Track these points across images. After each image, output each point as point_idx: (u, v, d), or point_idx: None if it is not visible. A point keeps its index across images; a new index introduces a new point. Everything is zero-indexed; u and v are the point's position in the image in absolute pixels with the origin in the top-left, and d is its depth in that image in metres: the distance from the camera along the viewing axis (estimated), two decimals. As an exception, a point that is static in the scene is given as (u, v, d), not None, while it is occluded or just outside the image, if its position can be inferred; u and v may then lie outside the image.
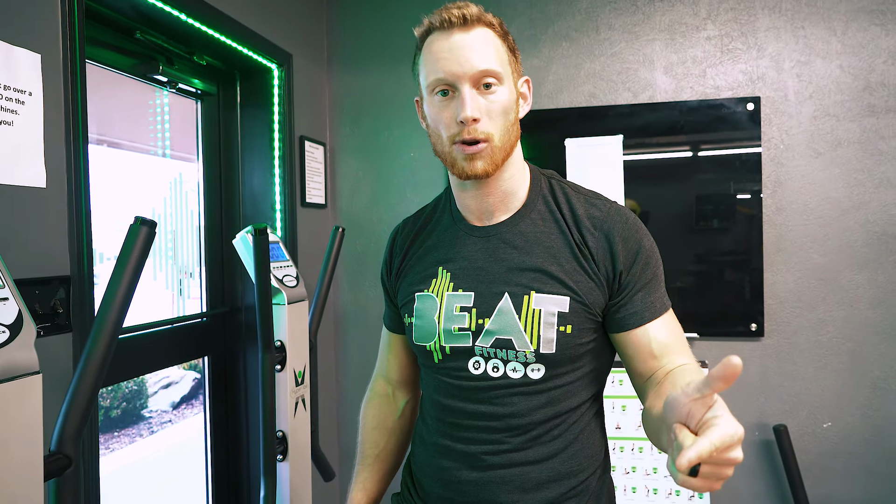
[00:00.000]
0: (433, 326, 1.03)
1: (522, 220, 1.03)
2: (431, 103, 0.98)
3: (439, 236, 1.10)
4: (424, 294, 1.05)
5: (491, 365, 0.99)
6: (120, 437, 3.72)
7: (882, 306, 2.04)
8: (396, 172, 2.44)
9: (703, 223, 2.16)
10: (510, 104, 0.97)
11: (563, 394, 0.99)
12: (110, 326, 0.90)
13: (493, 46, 0.95)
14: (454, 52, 0.93)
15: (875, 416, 2.05)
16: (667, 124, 2.17)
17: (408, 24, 2.37)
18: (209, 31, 1.75)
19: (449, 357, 1.02)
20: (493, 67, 0.94)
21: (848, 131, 2.06)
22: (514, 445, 0.99)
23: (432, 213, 1.15)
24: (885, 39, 2.02)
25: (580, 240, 0.98)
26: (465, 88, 0.93)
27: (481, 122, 0.94)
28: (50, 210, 1.20)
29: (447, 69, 0.93)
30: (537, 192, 1.05)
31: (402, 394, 1.26)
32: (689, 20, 2.17)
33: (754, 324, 2.11)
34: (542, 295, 0.96)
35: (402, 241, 1.16)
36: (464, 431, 1.02)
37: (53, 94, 1.21)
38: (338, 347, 2.52)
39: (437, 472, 1.05)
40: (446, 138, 0.97)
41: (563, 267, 0.97)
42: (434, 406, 1.08)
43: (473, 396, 1.00)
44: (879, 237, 2.04)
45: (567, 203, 1.02)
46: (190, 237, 1.99)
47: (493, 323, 0.98)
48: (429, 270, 1.07)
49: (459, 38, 0.93)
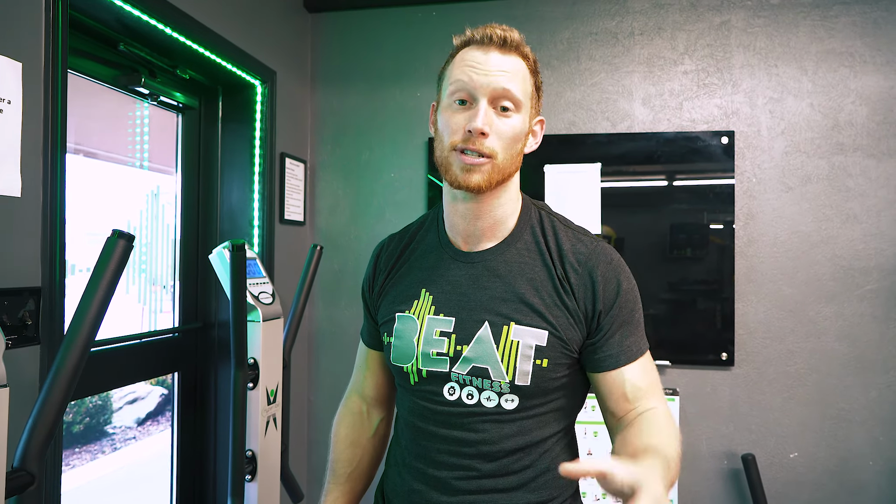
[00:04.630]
0: (412, 349, 1.03)
1: (508, 250, 1.03)
2: (447, 107, 0.99)
3: (424, 256, 1.09)
4: (405, 315, 1.05)
5: (466, 392, 0.99)
6: (81, 454, 3.61)
7: (847, 339, 2.09)
8: (376, 192, 2.45)
9: (676, 252, 2.20)
10: (521, 134, 0.98)
11: (535, 424, 0.99)
12: (82, 340, 0.89)
13: (522, 76, 0.97)
14: (485, 66, 0.95)
15: (839, 448, 2.08)
16: (644, 154, 2.22)
17: (391, 45, 2.42)
18: (194, 46, 1.75)
19: (425, 380, 1.02)
20: (515, 93, 0.95)
21: (817, 167, 2.12)
22: (485, 472, 0.98)
23: (417, 231, 1.15)
24: (854, 81, 2.10)
25: (562, 274, 0.99)
26: (483, 102, 0.94)
27: (490, 138, 0.94)
28: (23, 220, 1.18)
29: (473, 78, 0.94)
30: (526, 221, 1.05)
31: (377, 412, 1.24)
32: (668, 54, 2.23)
33: (725, 353, 2.15)
34: (521, 327, 0.97)
35: (386, 257, 1.15)
36: (435, 455, 1.01)
37: (33, 103, 1.19)
38: (310, 365, 2.49)
39: (408, 494, 1.05)
40: (448, 143, 0.97)
41: (544, 300, 0.98)
42: (408, 428, 1.07)
43: (447, 421, 1.00)
44: (846, 271, 2.09)
45: (554, 236, 1.03)
46: (165, 251, 1.97)
47: (471, 350, 0.98)
48: (411, 290, 1.07)
49: (495, 56, 0.95)
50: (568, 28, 2.30)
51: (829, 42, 2.12)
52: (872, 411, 2.07)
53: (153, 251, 1.92)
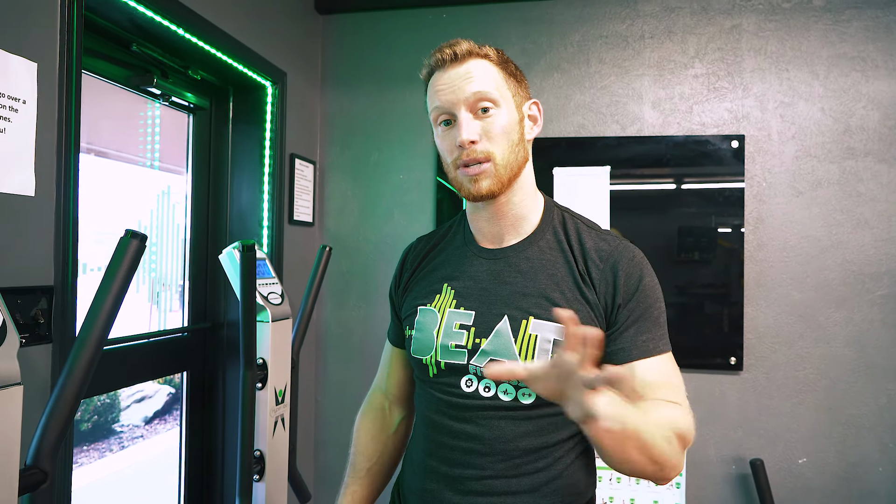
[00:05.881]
0: (431, 340, 1.04)
1: (531, 247, 1.05)
2: (438, 134, 1.04)
3: (449, 255, 1.13)
4: (427, 308, 1.08)
5: (483, 385, 1.00)
6: (90, 452, 3.63)
7: (857, 344, 2.07)
8: (385, 194, 2.45)
9: (684, 255, 2.19)
10: (510, 125, 1.01)
11: (551, 424, 0.99)
12: (94, 339, 0.89)
13: (488, 74, 1.01)
14: (449, 83, 1.00)
15: (849, 454, 2.07)
16: (653, 157, 2.21)
17: (401, 47, 2.42)
18: (205, 47, 1.76)
19: (443, 372, 1.03)
20: (487, 91, 0.99)
21: (828, 172, 2.11)
22: (497, 472, 0.98)
23: (446, 234, 1.19)
24: (865, 85, 2.09)
25: (584, 269, 1.01)
26: (462, 114, 0.99)
27: (480, 143, 0.98)
28: (37, 219, 1.18)
29: (444, 98, 1.00)
30: (549, 222, 1.08)
31: (399, 410, 1.26)
32: (678, 58, 2.22)
33: (733, 357, 2.14)
34: (540, 321, 0.98)
35: (413, 257, 1.19)
36: (449, 452, 1.02)
37: (47, 102, 1.20)
38: (318, 366, 2.50)
39: (421, 493, 1.06)
40: (451, 164, 1.02)
41: (565, 295, 0.99)
42: (424, 423, 1.08)
43: (461, 415, 1.01)
44: (856, 276, 2.08)
45: (577, 236, 1.05)
46: (175, 250, 1.98)
47: (489, 343, 0.99)
48: (434, 286, 1.10)
49: (453, 71, 1.01)
50: (578, 31, 2.29)
51: (840, 46, 2.11)
52: (882, 417, 2.05)
53: (163, 251, 1.93)
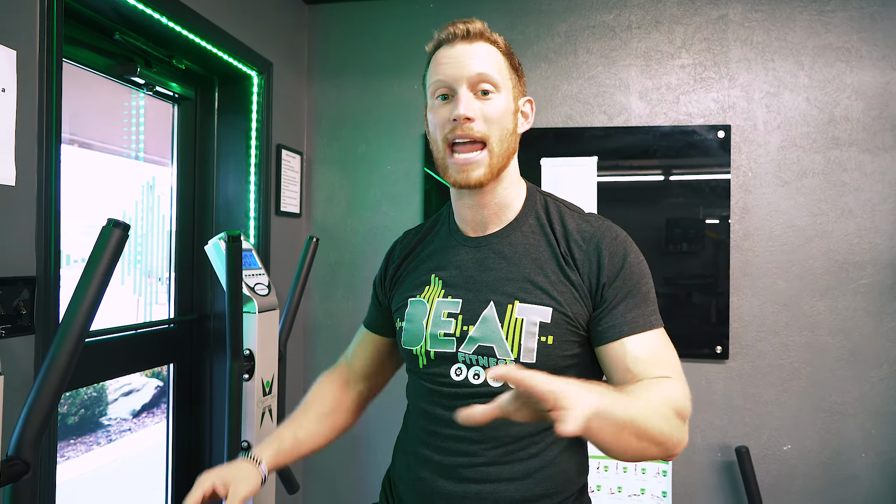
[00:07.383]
0: (421, 331, 1.05)
1: (513, 232, 1.05)
2: (433, 107, 1.03)
3: (436, 246, 1.13)
4: (416, 300, 1.08)
5: (472, 372, 1.00)
6: (76, 445, 3.61)
7: (841, 333, 2.10)
8: (373, 185, 2.44)
9: (672, 246, 2.20)
10: (507, 112, 1.01)
11: None
12: (77, 330, 0.89)
13: (494, 59, 1.01)
14: (455, 59, 0.99)
15: (832, 440, 2.10)
16: (640, 148, 2.22)
17: (389, 38, 2.41)
18: (190, 36, 1.74)
19: (433, 362, 1.04)
20: (491, 73, 0.99)
21: (813, 162, 2.13)
22: (490, 459, 0.99)
23: (433, 226, 1.19)
24: (850, 76, 2.10)
25: (566, 251, 1.01)
26: (462, 90, 0.98)
27: (476, 122, 0.98)
28: (18, 208, 1.17)
29: (447, 73, 0.99)
30: (531, 207, 1.08)
31: (359, 382, 1.25)
32: (665, 48, 2.23)
33: (719, 346, 2.16)
34: (525, 304, 0.98)
35: (400, 249, 1.20)
36: (441, 441, 1.02)
37: (28, 91, 1.19)
38: (306, 357, 2.49)
39: (414, 482, 1.06)
40: (441, 139, 1.01)
41: (549, 278, 0.99)
42: (416, 413, 1.09)
43: (453, 404, 1.00)
44: (840, 265, 2.10)
45: (560, 218, 1.05)
46: (161, 242, 1.96)
47: (476, 330, 1.00)
48: (423, 277, 1.10)
49: (462, 48, 1.00)
50: (565, 21, 2.29)
51: (825, 37, 2.12)
52: (865, 404, 2.08)
53: (149, 242, 1.91)
